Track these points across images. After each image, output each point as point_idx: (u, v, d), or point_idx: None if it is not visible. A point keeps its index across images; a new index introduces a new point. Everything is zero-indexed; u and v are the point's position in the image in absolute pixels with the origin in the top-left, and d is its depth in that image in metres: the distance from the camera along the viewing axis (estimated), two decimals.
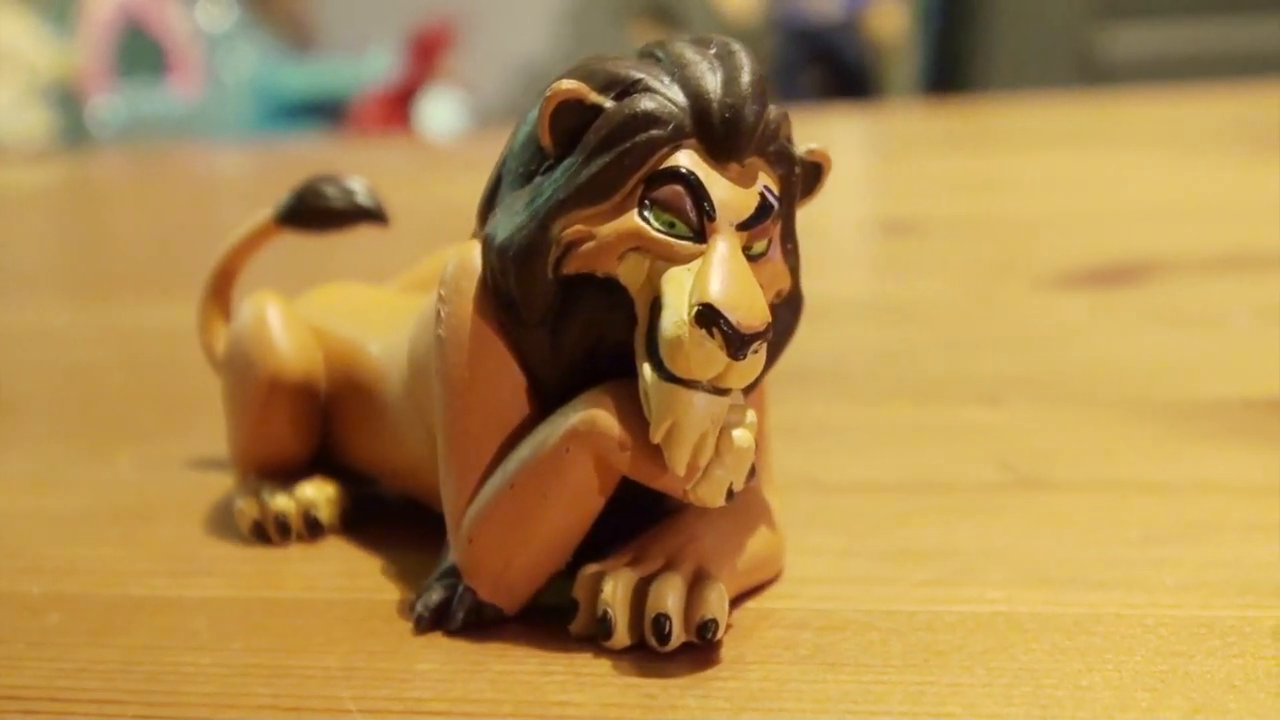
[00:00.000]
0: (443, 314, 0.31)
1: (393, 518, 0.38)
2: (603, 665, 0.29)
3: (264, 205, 0.42)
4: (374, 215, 0.42)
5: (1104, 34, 2.53)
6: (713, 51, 0.30)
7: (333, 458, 0.39)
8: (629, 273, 0.29)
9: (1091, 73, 2.53)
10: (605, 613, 0.29)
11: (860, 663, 0.28)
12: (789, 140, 0.31)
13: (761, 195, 0.29)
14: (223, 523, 0.39)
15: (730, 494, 0.29)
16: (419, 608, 0.31)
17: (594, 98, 0.29)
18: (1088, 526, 0.35)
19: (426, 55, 3.25)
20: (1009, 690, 0.27)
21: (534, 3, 3.50)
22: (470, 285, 0.31)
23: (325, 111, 3.32)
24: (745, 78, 0.29)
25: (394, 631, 0.31)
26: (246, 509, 0.37)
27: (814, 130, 1.64)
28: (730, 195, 0.29)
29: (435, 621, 0.31)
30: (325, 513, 0.37)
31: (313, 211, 0.42)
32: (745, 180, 0.29)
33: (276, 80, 3.39)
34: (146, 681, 0.30)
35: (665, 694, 0.28)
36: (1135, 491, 0.37)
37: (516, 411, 0.31)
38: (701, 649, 0.29)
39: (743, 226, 0.29)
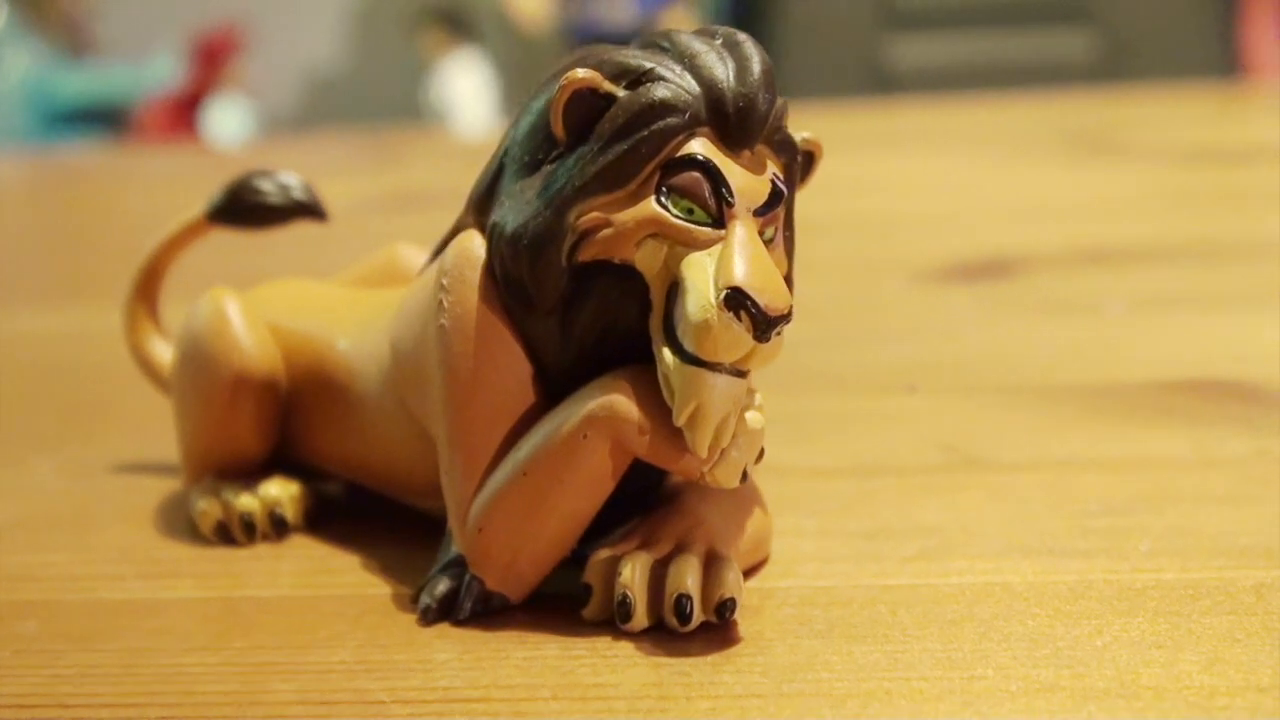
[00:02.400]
0: (445, 303, 0.31)
1: (355, 514, 0.38)
2: (625, 647, 0.29)
3: (40, 216, 0.42)
4: (312, 210, 0.41)
5: (890, 45, 2.61)
6: (719, 42, 0.30)
7: (289, 455, 0.38)
8: (646, 259, 0.29)
9: (879, 81, 2.61)
10: (625, 595, 0.30)
11: (879, 634, 0.29)
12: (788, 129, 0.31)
13: (772, 182, 0.30)
14: (173, 524, 0.38)
15: (744, 475, 0.30)
16: (425, 599, 0.31)
17: (607, 86, 0.30)
18: (1045, 502, 0.37)
19: (212, 61, 3.18)
20: (1031, 652, 0.28)
21: (321, 9, 3.46)
22: (474, 274, 0.31)
23: (105, 119, 3.23)
24: (756, 67, 0.30)
25: (398, 624, 0.31)
26: (209, 509, 0.36)
27: None
28: (745, 182, 0.29)
29: (443, 612, 0.31)
30: (290, 511, 0.37)
31: (248, 208, 0.41)
32: (756, 168, 0.30)
33: (51, 86, 3.28)
34: (157, 683, 0.29)
35: (699, 671, 0.28)
36: (1077, 469, 0.39)
37: (522, 400, 0.31)
38: (718, 629, 0.30)
39: (757, 213, 0.29)
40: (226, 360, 0.36)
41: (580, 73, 0.30)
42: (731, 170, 0.29)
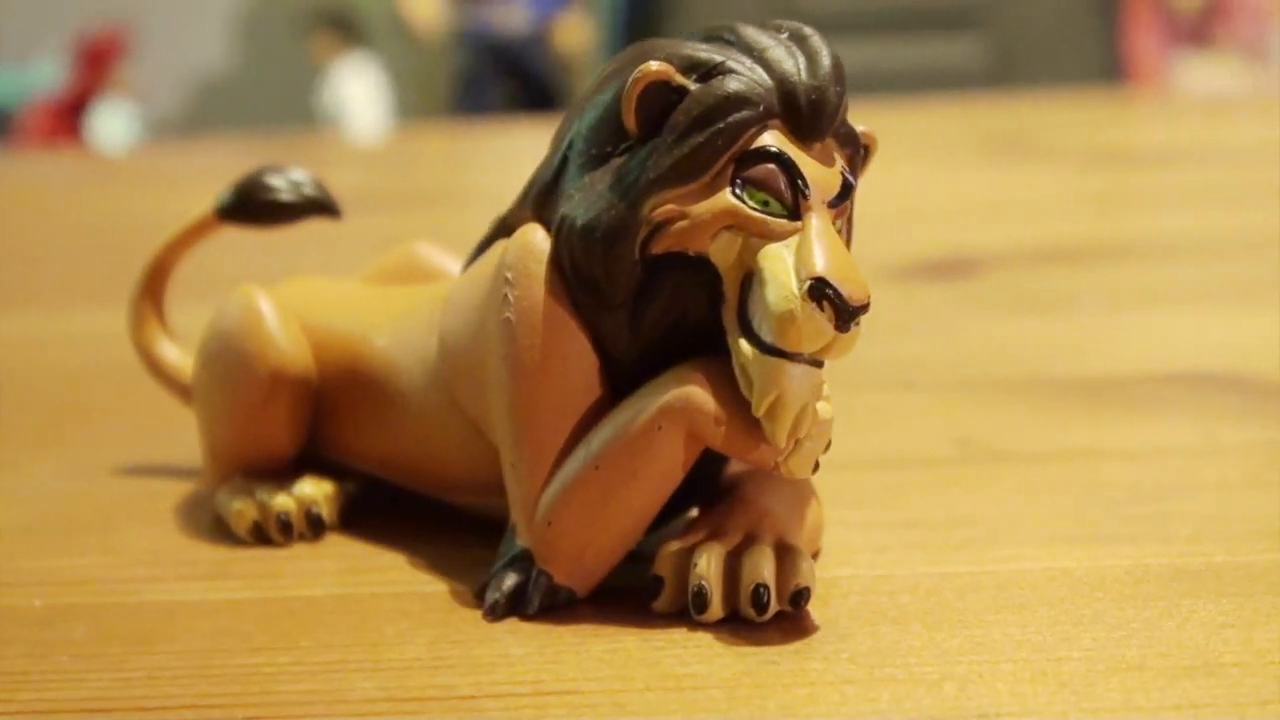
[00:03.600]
0: (510, 297, 0.31)
1: (386, 512, 0.37)
2: (704, 638, 0.29)
3: None
4: (325, 207, 0.41)
5: None
6: (785, 35, 0.31)
7: (317, 453, 0.38)
8: (720, 251, 0.29)
9: None
10: (701, 586, 0.30)
11: (953, 620, 0.30)
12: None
13: (843, 175, 0.30)
14: (198, 525, 0.38)
15: (816, 466, 0.30)
16: (492, 594, 0.31)
17: (680, 79, 0.30)
18: (1074, 491, 0.37)
19: (96, 65, 3.12)
20: (1109, 634, 0.29)
21: (207, 13, 3.41)
22: (540, 267, 0.31)
23: None
24: (826, 60, 0.30)
25: (464, 620, 0.31)
26: (244, 509, 0.36)
27: (503, 143, 1.66)
28: (818, 174, 0.30)
29: (511, 607, 0.31)
30: (326, 510, 0.36)
31: (260, 205, 0.40)
32: (826, 160, 0.30)
33: None
34: (232, 684, 0.28)
35: (786, 660, 0.28)
36: (1095, 459, 0.40)
37: (589, 394, 0.31)
38: (791, 618, 0.30)
39: (830, 205, 0.30)
40: (262, 357, 0.35)
41: (654, 65, 0.30)
42: (805, 163, 0.29)
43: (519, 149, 1.60)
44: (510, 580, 0.31)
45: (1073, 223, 0.84)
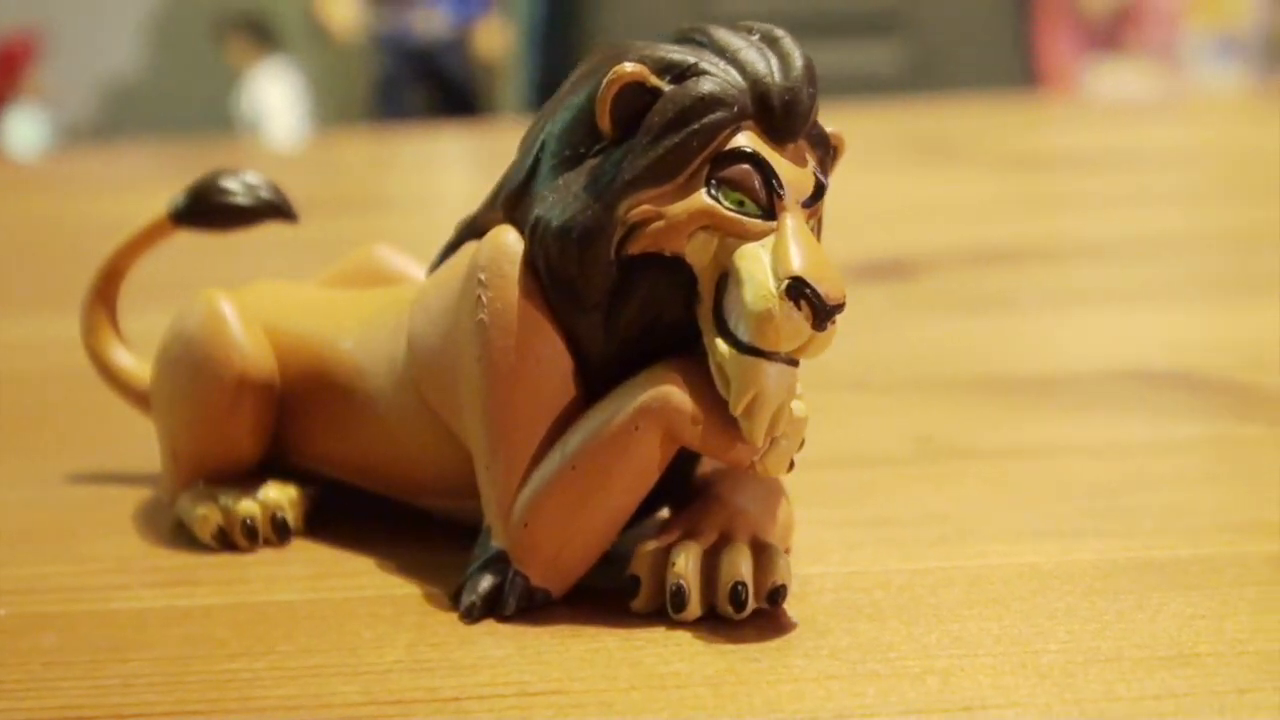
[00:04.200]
0: (484, 299, 0.31)
1: (352, 516, 0.37)
2: (683, 636, 0.30)
3: None
4: (281, 211, 0.41)
5: None
6: (756, 37, 0.31)
7: (280, 459, 0.37)
8: (696, 251, 0.30)
9: None
10: (679, 585, 0.30)
11: (930, 615, 0.30)
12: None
13: (815, 175, 0.30)
14: (160, 532, 0.37)
15: (791, 464, 0.30)
16: (468, 597, 0.31)
17: (654, 81, 0.30)
18: (1036, 487, 0.38)
19: (7, 69, 3.07)
20: (1083, 627, 0.29)
21: (120, 17, 3.36)
22: (513, 269, 0.31)
23: None
24: (798, 62, 0.30)
25: (440, 622, 0.31)
26: (208, 515, 0.35)
27: (422, 148, 1.65)
28: (792, 175, 0.30)
29: (487, 609, 0.31)
30: (291, 514, 0.36)
31: (215, 209, 0.40)
32: (799, 161, 0.30)
33: None
34: (210, 690, 0.28)
35: (767, 656, 0.28)
36: (1053, 455, 0.41)
37: (564, 395, 0.31)
38: (769, 616, 0.30)
39: (804, 205, 0.30)
40: (227, 362, 0.35)
41: (628, 67, 0.30)
42: (779, 163, 0.30)
43: (439, 154, 1.60)
44: (486, 582, 0.31)
45: (1001, 225, 0.85)
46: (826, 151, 0.32)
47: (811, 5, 2.60)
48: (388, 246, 0.41)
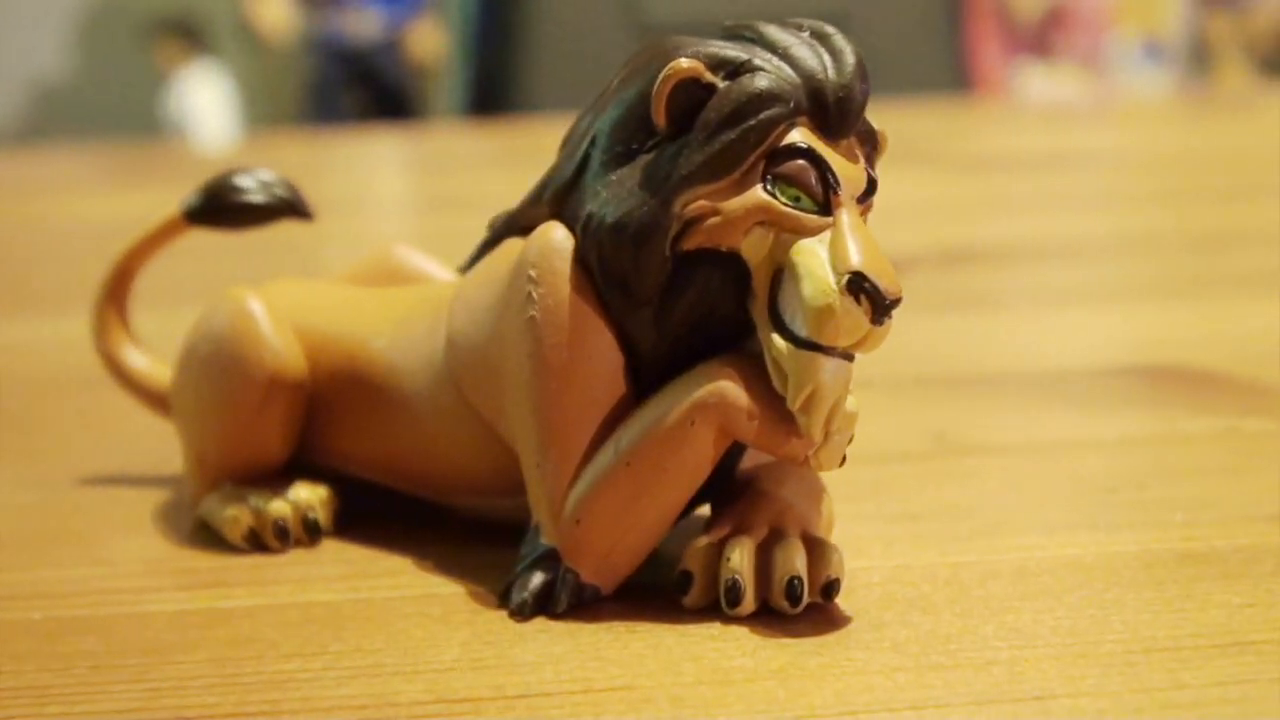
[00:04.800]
0: (535, 295, 0.31)
1: (380, 515, 0.37)
2: (740, 631, 0.30)
3: None
4: (297, 209, 0.40)
5: None
6: (806, 34, 0.31)
7: (305, 459, 0.37)
8: (752, 246, 0.30)
9: None
10: (734, 580, 0.30)
11: (983, 608, 0.30)
12: None
13: (867, 171, 0.31)
14: (184, 533, 0.37)
15: (844, 458, 0.31)
16: (518, 595, 0.31)
17: (709, 77, 0.30)
18: (1059, 481, 0.38)
19: None
20: (1138, 615, 0.29)
21: (45, 18, 3.31)
22: (565, 265, 0.31)
23: None
24: (850, 58, 0.30)
25: (489, 621, 0.31)
26: (239, 516, 0.35)
27: (357, 151, 1.64)
28: (846, 170, 0.30)
29: (538, 607, 0.31)
30: (322, 515, 0.36)
31: (230, 207, 0.40)
32: (851, 157, 0.30)
33: None
34: (272, 690, 0.28)
35: (828, 650, 0.29)
36: (1070, 450, 0.41)
37: (615, 391, 0.31)
38: (821, 610, 0.30)
39: (858, 201, 0.30)
40: (259, 361, 0.35)
41: (685, 63, 0.30)
42: (834, 159, 0.30)
43: (373, 157, 1.59)
44: (537, 579, 0.31)
45: (963, 225, 0.86)
46: (874, 148, 0.32)
47: (744, 8, 2.60)
48: (405, 245, 0.40)
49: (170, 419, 0.39)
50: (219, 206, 0.40)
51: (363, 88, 2.91)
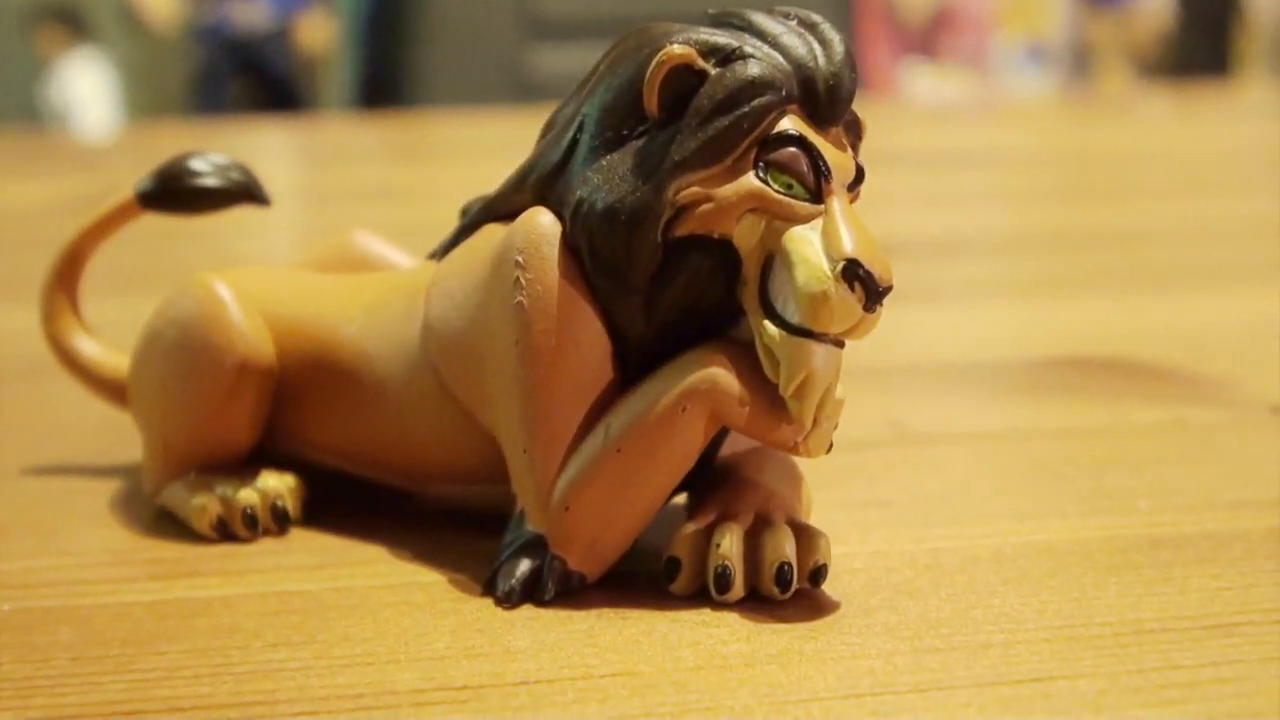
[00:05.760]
0: (523, 281, 0.30)
1: (341, 504, 0.36)
2: (730, 617, 0.30)
3: None
4: (254, 194, 0.40)
5: (532, 53, 2.64)
6: (794, 22, 0.31)
7: (271, 447, 0.36)
8: (744, 233, 0.30)
9: (522, 90, 2.63)
10: (725, 566, 0.30)
11: (968, 592, 0.31)
12: None
13: (855, 159, 0.31)
14: (143, 522, 0.36)
15: (830, 445, 0.31)
16: (505, 582, 0.31)
17: (701, 63, 0.30)
18: (1015, 469, 0.39)
19: None
20: (1122, 599, 0.30)
21: None
22: (552, 251, 0.31)
23: None
24: (839, 48, 0.31)
25: (475, 608, 0.30)
26: (207, 504, 0.34)
27: (243, 141, 1.61)
28: (836, 158, 0.30)
29: (526, 594, 0.31)
30: (291, 503, 0.35)
31: (185, 191, 0.39)
32: (840, 145, 0.31)
33: None
34: (264, 680, 0.27)
35: (822, 634, 0.29)
36: (1024, 439, 0.42)
37: (603, 377, 0.31)
38: (809, 596, 0.31)
39: (848, 189, 0.30)
40: (229, 348, 0.34)
41: (678, 49, 0.30)
42: (825, 147, 0.30)
43: (260, 147, 1.57)
44: (524, 566, 0.31)
45: (877, 221, 0.86)
46: (858, 135, 0.32)
47: (640, 8, 2.61)
48: (366, 231, 0.40)
49: (126, 407, 0.38)
50: (174, 190, 0.39)
51: (250, 78, 2.87)
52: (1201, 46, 3.02)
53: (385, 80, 2.82)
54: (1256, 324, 0.57)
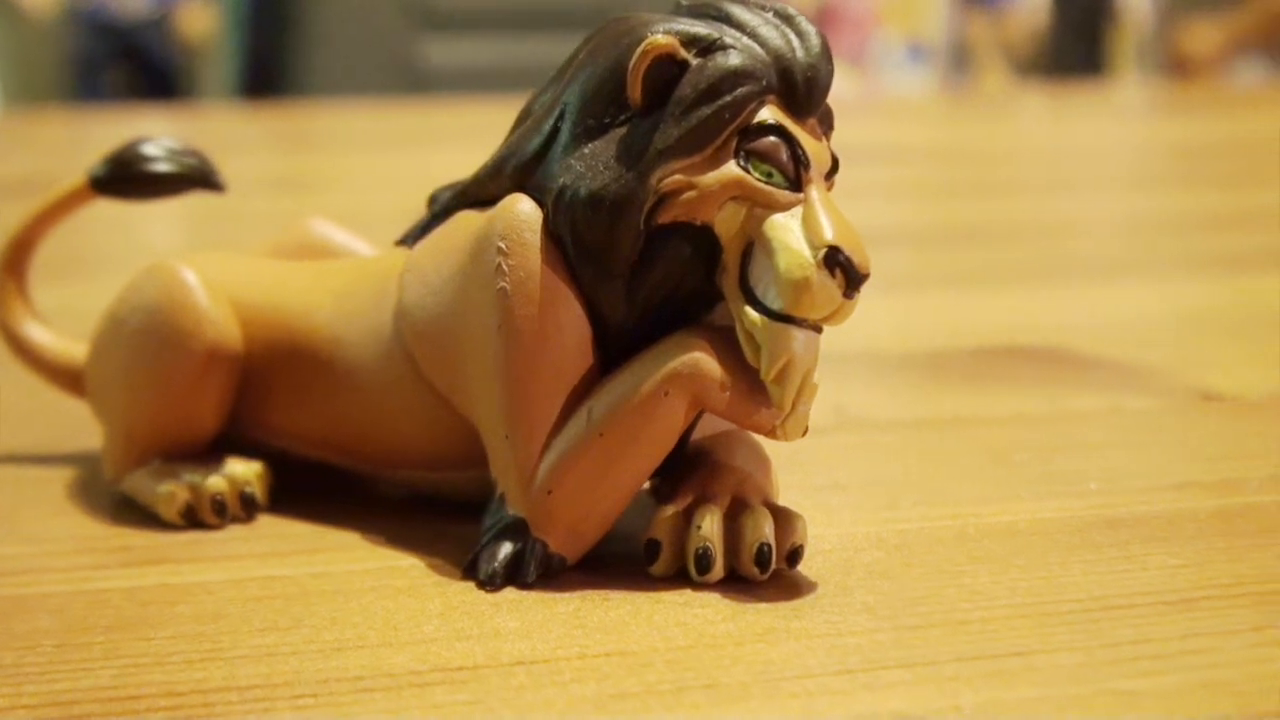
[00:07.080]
0: (505, 267, 0.31)
1: (310, 491, 0.36)
2: (711, 597, 0.30)
3: None
4: (208, 179, 0.39)
5: (422, 44, 2.62)
6: (770, 14, 0.32)
7: (235, 433, 0.36)
8: (725, 221, 0.30)
9: (412, 81, 2.61)
10: (705, 548, 0.31)
11: (938, 572, 0.32)
12: None
13: (830, 150, 0.32)
14: (104, 510, 0.36)
15: (806, 429, 0.32)
16: (487, 565, 0.31)
17: (683, 53, 0.30)
18: (962, 454, 0.40)
19: None
20: (1086, 577, 0.31)
21: None
22: (534, 237, 0.31)
23: None
24: (815, 40, 0.31)
25: (458, 592, 0.31)
26: (175, 492, 0.34)
27: (121, 130, 1.57)
28: (814, 148, 0.31)
29: (508, 577, 0.31)
30: (259, 490, 0.35)
31: (139, 177, 0.39)
32: (815, 135, 0.31)
33: None
34: (257, 665, 0.27)
35: (804, 614, 0.29)
36: (962, 425, 0.43)
37: (584, 362, 0.31)
38: (787, 576, 0.31)
39: (825, 178, 0.31)
40: (198, 334, 0.34)
41: (661, 39, 0.30)
42: (803, 137, 0.31)
43: (139, 135, 1.54)
44: (506, 549, 0.31)
45: None
46: (830, 127, 0.33)
47: (528, 1, 2.60)
48: (324, 219, 0.40)
49: (80, 395, 0.38)
50: (127, 176, 0.39)
51: (128, 65, 2.82)
52: (1075, 46, 3.09)
53: (269, 69, 2.78)
54: (1180, 314, 0.59)
